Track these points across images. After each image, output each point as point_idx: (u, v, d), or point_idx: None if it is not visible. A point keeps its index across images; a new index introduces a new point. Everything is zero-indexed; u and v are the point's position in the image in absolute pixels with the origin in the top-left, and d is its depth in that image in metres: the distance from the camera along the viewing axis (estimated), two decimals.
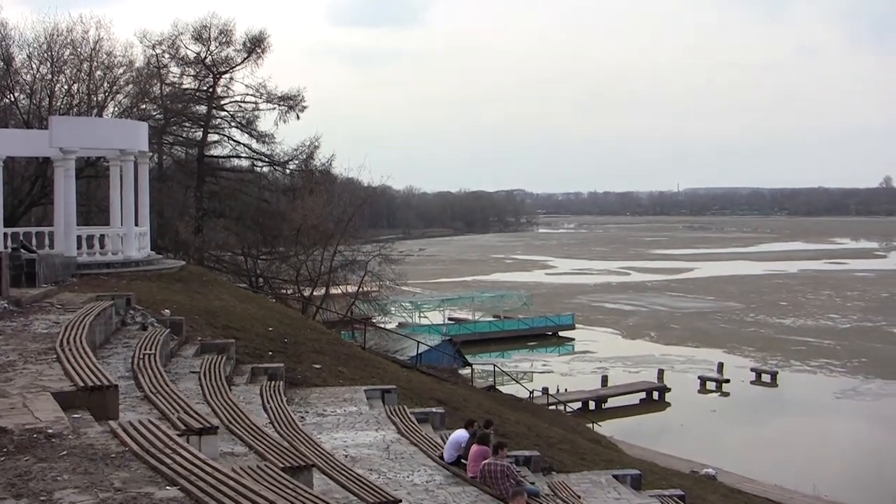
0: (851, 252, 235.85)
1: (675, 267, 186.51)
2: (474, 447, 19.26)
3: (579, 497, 21.62)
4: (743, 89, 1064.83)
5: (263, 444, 15.32)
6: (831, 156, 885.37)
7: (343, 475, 15.89)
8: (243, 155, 66.76)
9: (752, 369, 76.50)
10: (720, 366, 75.35)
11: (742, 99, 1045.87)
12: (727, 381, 72.28)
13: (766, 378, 74.44)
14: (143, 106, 61.27)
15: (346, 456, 19.31)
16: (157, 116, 61.84)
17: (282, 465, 13.38)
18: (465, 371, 58.30)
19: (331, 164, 67.09)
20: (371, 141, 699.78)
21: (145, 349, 19.37)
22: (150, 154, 47.08)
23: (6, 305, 21.29)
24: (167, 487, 8.42)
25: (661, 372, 72.23)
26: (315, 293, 59.71)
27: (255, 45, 64.12)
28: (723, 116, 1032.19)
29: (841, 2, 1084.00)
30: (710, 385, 72.26)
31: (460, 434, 20.40)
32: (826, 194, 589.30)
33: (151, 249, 41.12)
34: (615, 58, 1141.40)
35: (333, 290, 61.92)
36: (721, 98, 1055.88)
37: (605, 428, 55.18)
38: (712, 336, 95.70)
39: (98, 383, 12.38)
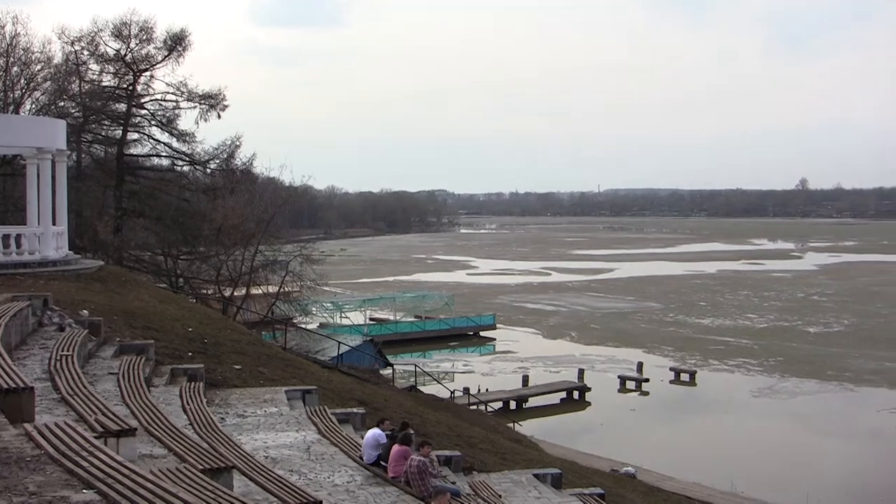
0: (769, 253, 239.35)
1: (595, 267, 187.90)
2: (395, 447, 19.26)
3: (500, 496, 21.70)
4: (663, 92, 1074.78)
5: (183, 445, 15.20)
6: (749, 158, 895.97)
7: (263, 476, 15.81)
8: (163, 154, 66.18)
9: (672, 369, 77.20)
10: (640, 365, 75.93)
11: (662, 101, 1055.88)
12: (647, 380, 72.86)
13: (684, 377, 75.18)
14: (62, 103, 60.57)
15: (266, 457, 19.21)
16: (76, 114, 61.10)
17: (201, 467, 13.28)
18: (387, 371, 58.18)
19: (252, 164, 66.74)
20: (293, 140, 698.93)
21: (62, 350, 19.13)
22: (69, 152, 46.52)
23: None
24: (83, 491, 8.33)
25: (581, 371, 72.62)
26: (236, 293, 59.29)
27: (176, 43, 63.55)
28: (643, 118, 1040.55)
29: (758, 8, 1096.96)
30: (630, 384, 72.76)
31: (375, 433, 20.38)
32: (744, 196, 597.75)
33: (69, 249, 40.56)
34: (539, 59, 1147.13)
35: (254, 291, 61.55)
36: (642, 100, 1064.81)
37: (526, 427, 55.49)
38: (632, 336, 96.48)
39: (13, 385, 12.20)
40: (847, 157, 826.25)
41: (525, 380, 70.95)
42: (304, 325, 65.45)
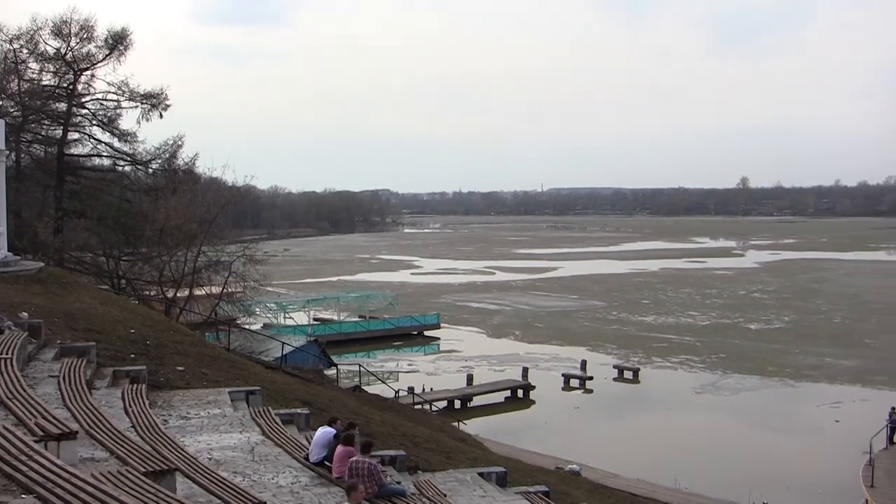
0: (711, 251, 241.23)
1: (539, 266, 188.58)
2: (339, 447, 19.18)
3: (445, 495, 21.69)
4: (606, 91, 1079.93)
5: (125, 448, 15.06)
6: (691, 157, 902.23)
7: (207, 478, 15.69)
8: (105, 154, 65.53)
9: (615, 366, 77.48)
10: (583, 363, 76.13)
11: (605, 101, 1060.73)
12: (590, 378, 73.13)
13: (628, 375, 75.49)
14: (0, 102, 59.79)
15: (210, 459, 19.07)
16: (15, 113, 60.30)
17: (143, 470, 13.17)
18: (331, 371, 57.97)
19: (194, 164, 66.24)
20: (236, 140, 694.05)
21: (1, 353, 18.91)
22: (7, 152, 45.92)
23: None
24: (22, 496, 8.23)
25: (525, 370, 72.78)
26: (178, 294, 58.84)
27: (118, 42, 62.93)
28: (586, 118, 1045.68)
29: (698, 8, 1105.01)
30: (574, 382, 73.00)
31: (326, 431, 20.29)
32: (686, 194, 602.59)
33: (8, 251, 40.07)
34: (483, 59, 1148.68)
35: (197, 292, 61.07)
36: (584, 100, 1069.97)
37: (471, 426, 55.52)
38: (576, 334, 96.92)
39: None
40: (787, 156, 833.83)
41: (469, 379, 71.01)
42: (247, 326, 65.11)
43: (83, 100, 63.66)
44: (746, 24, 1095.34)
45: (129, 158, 65.21)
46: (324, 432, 20.25)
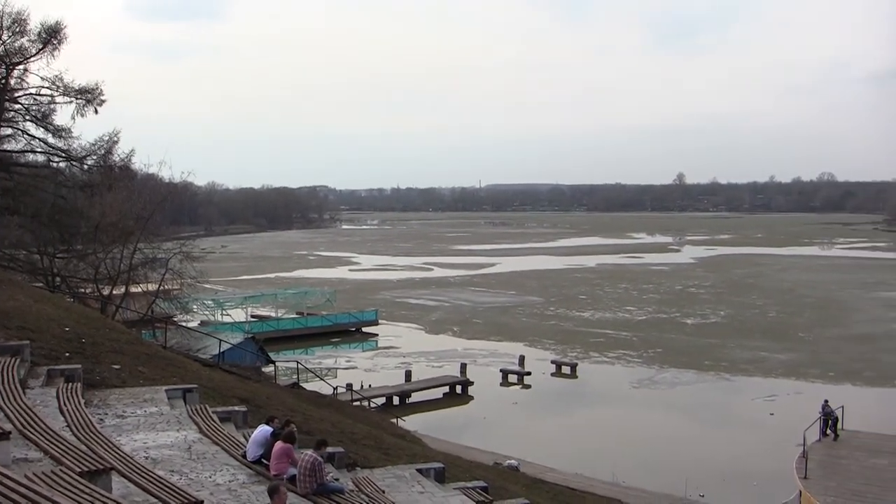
0: (647, 246, 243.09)
1: (477, 262, 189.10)
2: (277, 445, 19.13)
3: (384, 492, 21.68)
4: (543, 88, 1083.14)
5: (59, 448, 14.92)
6: (628, 154, 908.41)
7: (143, 478, 15.58)
8: (38, 150, 64.66)
9: (553, 361, 77.79)
10: (521, 359, 76.26)
11: (543, 98, 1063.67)
12: (528, 373, 73.41)
13: (566, 370, 75.79)
14: None
15: (146, 458, 18.92)
16: None
17: (79, 470, 13.07)
18: (269, 369, 57.85)
19: (130, 160, 65.51)
20: (172, 136, 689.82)
21: None
22: None
23: None
24: None
25: (463, 366, 72.97)
26: (115, 292, 58.36)
27: (51, 36, 62.04)
28: (524, 114, 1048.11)
29: (636, 6, 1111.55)
30: (512, 378, 73.25)
31: (264, 429, 20.24)
32: (623, 190, 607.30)
33: None
34: (420, 57, 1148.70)
35: (133, 289, 60.58)
36: (522, 96, 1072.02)
37: (410, 423, 55.50)
38: (514, 330, 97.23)
39: None
40: (722, 153, 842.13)
41: (408, 375, 70.96)
42: (184, 324, 64.73)
43: (16, 95, 62.77)
44: (684, 23, 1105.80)
45: (63, 154, 64.34)
46: (261, 430, 20.20)
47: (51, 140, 63.15)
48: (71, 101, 62.53)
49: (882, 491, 34.89)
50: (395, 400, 65.63)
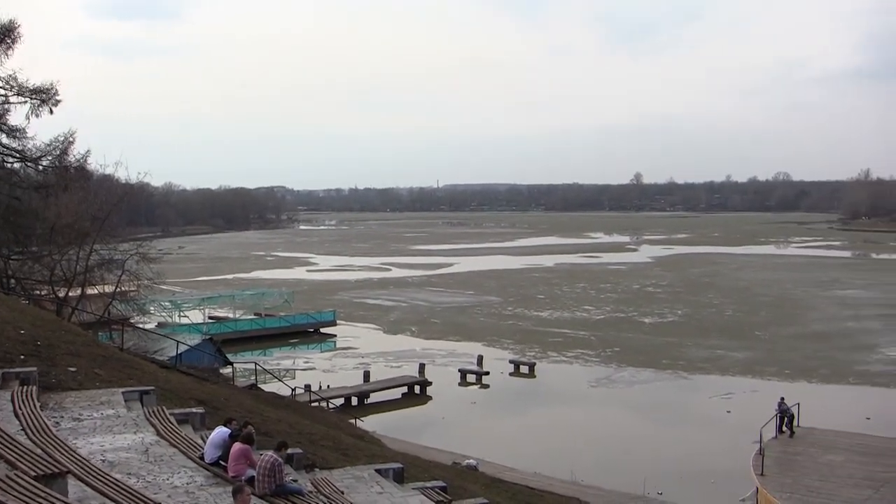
0: (605, 246, 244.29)
1: (435, 262, 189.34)
2: (235, 446, 19.08)
3: (342, 493, 21.65)
4: (501, 89, 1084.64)
5: (14, 452, 14.80)
6: (586, 154, 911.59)
7: (100, 481, 15.50)
8: None
9: (511, 361, 77.89)
10: (480, 358, 76.38)
11: (500, 98, 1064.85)
12: (487, 373, 73.55)
13: (524, 369, 75.89)
14: None
15: (103, 461, 18.81)
16: None
17: (34, 474, 12.98)
18: (227, 370, 57.63)
19: (86, 161, 65.02)
20: (129, 136, 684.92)
21: None
22: None
23: None
24: None
25: (422, 366, 73.07)
26: (70, 294, 57.92)
27: (5, 35, 61.44)
28: (482, 114, 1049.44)
29: (592, 6, 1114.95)
30: (471, 378, 73.32)
31: (220, 431, 20.17)
32: (581, 190, 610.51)
33: None
34: (379, 58, 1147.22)
35: (90, 291, 60.13)
36: (480, 97, 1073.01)
37: (368, 423, 55.54)
38: (472, 329, 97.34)
39: None
40: (679, 152, 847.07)
41: (366, 375, 70.86)
42: (141, 325, 64.32)
43: None
44: (641, 24, 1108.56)
45: (18, 155, 63.79)
46: (219, 432, 20.13)
47: (4, 140, 62.53)
48: (25, 102, 61.91)
49: (836, 487, 35.25)
50: (354, 400, 65.51)
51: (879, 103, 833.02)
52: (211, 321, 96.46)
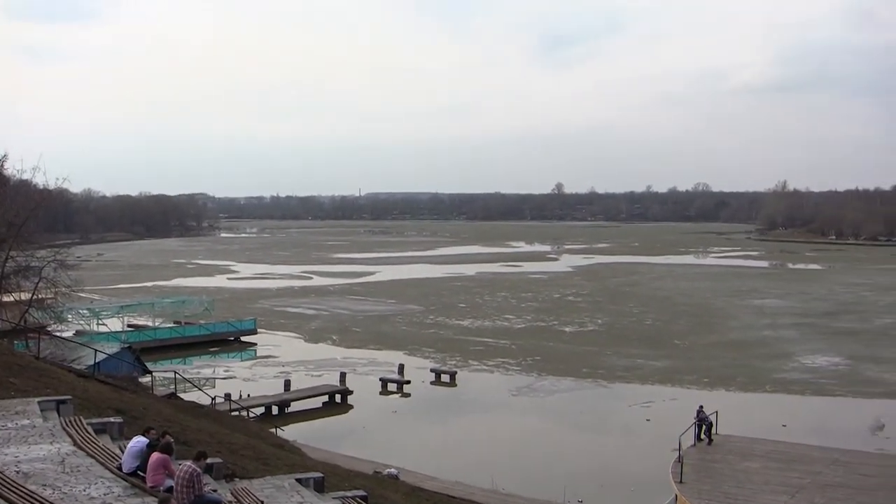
0: (526, 255, 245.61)
1: (356, 271, 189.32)
2: (154, 455, 18.90)
3: (262, 502, 21.54)
4: (424, 98, 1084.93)
5: None
6: (508, 163, 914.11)
7: (14, 492, 15.29)
8: None
9: (432, 370, 77.99)
10: (401, 367, 76.40)
11: (426, 106, 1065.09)
12: (408, 382, 73.52)
13: (445, 378, 76.01)
14: None
15: (17, 472, 18.51)
16: None
17: None
18: (146, 379, 57.05)
19: (2, 165, 64.24)
20: (48, 141, 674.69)
21: None
22: None
23: None
24: None
25: (343, 375, 72.83)
26: None
27: None
28: (404, 123, 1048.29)
29: (517, 16, 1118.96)
30: (392, 386, 73.23)
31: (138, 441, 19.97)
32: (503, 200, 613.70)
33: None
34: (301, 63, 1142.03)
35: (5, 298, 59.28)
36: (404, 105, 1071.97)
37: (289, 432, 55.32)
38: (393, 338, 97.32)
39: None
40: (600, 162, 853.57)
41: (287, 384, 70.48)
42: (59, 333, 63.54)
43: None
44: (564, 35, 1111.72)
45: None
46: (137, 442, 19.92)
47: None
48: None
49: (753, 493, 35.72)
50: (275, 409, 65.17)
51: (797, 116, 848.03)
52: (130, 329, 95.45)
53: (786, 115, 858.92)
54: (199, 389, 61.80)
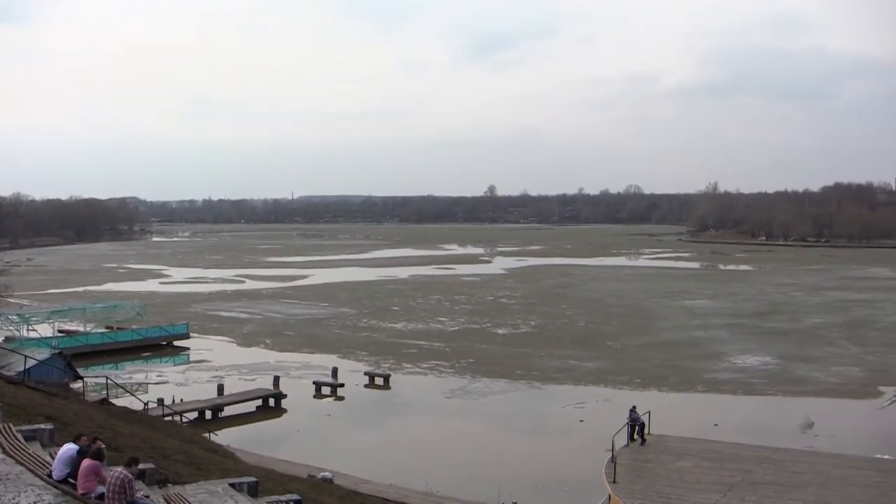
0: (459, 258, 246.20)
1: (289, 274, 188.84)
2: (85, 462, 18.78)
3: None
4: (355, 99, 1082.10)
5: None
6: (440, 165, 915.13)
7: None
8: None
9: (366, 373, 77.90)
10: (334, 370, 76.14)
11: (359, 108, 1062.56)
12: (342, 385, 73.38)
13: (379, 381, 75.91)
14: None
15: None
16: None
17: None
18: (77, 385, 56.57)
19: None
20: None
21: None
22: None
23: None
24: None
25: (276, 378, 72.52)
26: None
27: None
28: (336, 126, 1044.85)
29: (448, 19, 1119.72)
30: (326, 390, 73.07)
31: (68, 448, 19.83)
32: (435, 202, 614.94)
33: None
34: (235, 65, 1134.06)
35: None
36: (334, 108, 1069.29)
37: (223, 437, 55.06)
38: (326, 341, 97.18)
39: None
40: (532, 165, 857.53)
41: (220, 389, 70.06)
42: None
43: None
44: (494, 37, 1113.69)
45: None
46: (67, 448, 19.78)
47: None
48: None
49: (685, 492, 36.01)
50: (208, 414, 64.75)
51: (726, 119, 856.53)
52: (61, 335, 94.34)
53: (715, 119, 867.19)
54: (132, 395, 61.32)
